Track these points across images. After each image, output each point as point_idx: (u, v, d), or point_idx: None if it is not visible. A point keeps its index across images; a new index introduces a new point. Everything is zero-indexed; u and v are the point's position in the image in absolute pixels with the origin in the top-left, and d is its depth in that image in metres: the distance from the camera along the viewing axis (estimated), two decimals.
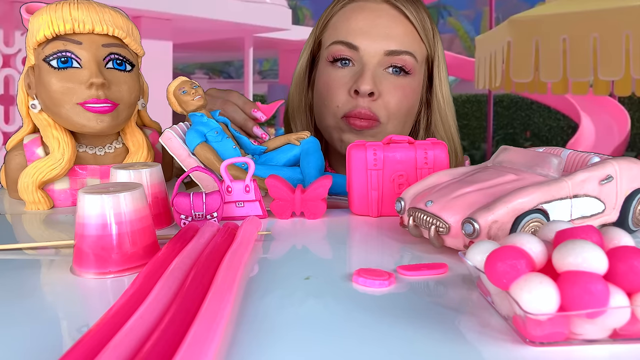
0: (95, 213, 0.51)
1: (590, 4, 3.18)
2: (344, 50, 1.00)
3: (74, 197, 0.83)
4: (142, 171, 0.68)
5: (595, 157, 0.64)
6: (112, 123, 0.81)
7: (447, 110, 1.09)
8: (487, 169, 0.64)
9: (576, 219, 0.58)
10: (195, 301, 0.39)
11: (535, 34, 3.29)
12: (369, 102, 0.97)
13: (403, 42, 1.00)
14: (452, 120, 1.11)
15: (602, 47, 3.04)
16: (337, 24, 1.04)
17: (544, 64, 3.26)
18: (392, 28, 1.00)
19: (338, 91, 1.00)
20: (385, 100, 0.98)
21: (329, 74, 1.02)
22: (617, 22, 2.98)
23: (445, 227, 0.56)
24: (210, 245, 0.53)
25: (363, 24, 1.00)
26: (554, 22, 3.24)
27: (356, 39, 0.99)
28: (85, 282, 0.50)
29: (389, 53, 0.98)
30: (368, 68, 0.98)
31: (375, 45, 0.98)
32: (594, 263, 0.36)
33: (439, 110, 1.09)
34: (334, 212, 0.78)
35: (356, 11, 1.02)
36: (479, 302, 0.45)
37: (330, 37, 1.04)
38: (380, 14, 1.00)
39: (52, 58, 0.78)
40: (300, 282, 0.50)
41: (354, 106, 0.97)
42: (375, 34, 0.99)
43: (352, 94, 0.97)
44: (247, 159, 0.71)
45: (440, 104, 1.08)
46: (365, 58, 0.99)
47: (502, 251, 0.39)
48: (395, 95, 0.99)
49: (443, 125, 1.09)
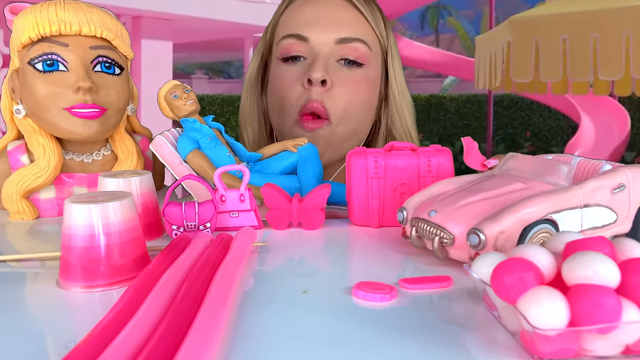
0: (82, 223, 0.51)
1: (590, 4, 3.24)
2: (294, 43, 1.01)
3: (60, 206, 0.83)
4: (131, 179, 0.68)
5: (607, 165, 0.64)
6: (100, 129, 0.81)
7: (402, 104, 1.10)
8: (493, 177, 0.64)
9: (587, 230, 0.58)
10: (187, 316, 0.39)
11: (535, 34, 3.36)
12: (322, 93, 0.98)
13: (354, 30, 1.01)
14: (408, 115, 1.11)
15: (602, 47, 3.10)
16: (285, 21, 1.06)
17: (544, 64, 3.33)
18: (341, 17, 1.01)
19: (291, 86, 1.01)
20: (338, 93, 0.99)
21: (282, 71, 1.03)
22: (617, 22, 3.05)
23: (450, 238, 0.56)
24: (203, 257, 0.53)
25: (312, 15, 1.02)
26: (554, 22, 3.31)
27: (305, 30, 1.00)
28: (72, 296, 0.50)
29: (340, 41, 1.00)
30: (320, 57, 0.99)
31: (325, 34, 1.00)
32: (606, 276, 0.36)
33: (395, 104, 1.10)
34: (332, 222, 0.78)
35: (304, 5, 1.04)
36: (485, 316, 0.45)
37: (279, 35, 1.05)
38: (328, 5, 1.02)
39: (38, 61, 0.78)
40: (297, 296, 0.50)
41: (307, 99, 0.98)
42: (324, 24, 1.00)
43: (306, 84, 0.98)
44: (241, 167, 0.71)
45: (395, 98, 1.09)
46: (316, 48, 1.00)
47: (509, 263, 0.39)
48: (350, 87, 1.00)
49: (399, 118, 1.10)
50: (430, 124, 12.68)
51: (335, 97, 0.99)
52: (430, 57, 8.30)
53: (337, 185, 0.85)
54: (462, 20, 28.75)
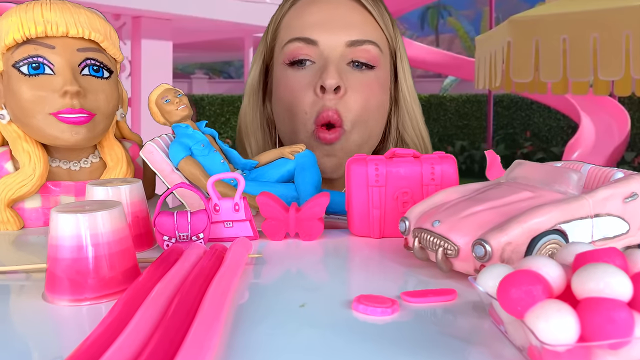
0: (69, 234, 0.51)
1: (590, 4, 3.34)
2: (302, 47, 1.00)
3: (47, 216, 0.83)
4: (121, 188, 0.68)
5: (619, 173, 0.64)
6: (88, 135, 0.81)
7: (413, 106, 1.10)
8: (500, 186, 0.64)
9: (598, 241, 0.58)
10: (179, 331, 0.39)
11: (535, 34, 3.46)
12: (336, 100, 0.97)
13: (364, 32, 1.00)
14: (419, 117, 1.11)
15: (602, 47, 3.19)
16: (290, 22, 1.04)
17: (544, 64, 3.42)
18: (351, 17, 1.01)
19: (303, 93, 0.99)
20: (352, 99, 0.98)
21: (289, 77, 1.02)
22: (617, 22, 3.14)
23: (454, 250, 0.56)
24: (196, 270, 0.53)
25: (319, 16, 1.00)
26: (554, 22, 3.41)
27: (314, 33, 0.99)
28: (58, 310, 0.50)
29: (351, 44, 0.99)
30: (331, 62, 0.98)
31: (335, 37, 0.99)
32: (618, 289, 0.36)
33: (406, 106, 1.09)
34: (331, 232, 0.78)
35: (309, 6, 1.03)
36: (491, 331, 0.45)
37: (284, 38, 1.03)
38: (336, 5, 1.01)
39: (23, 64, 0.78)
40: (294, 310, 0.50)
41: (321, 107, 0.97)
42: (333, 26, 0.99)
43: (318, 91, 0.97)
44: (236, 175, 0.71)
45: (406, 99, 1.09)
46: (326, 52, 0.99)
47: (517, 276, 0.39)
48: (363, 92, 0.99)
49: (411, 121, 1.10)
50: (430, 124, 12.91)
51: (349, 102, 0.98)
52: (430, 57, 8.43)
53: (336, 194, 0.85)
54: (462, 20, 29.30)
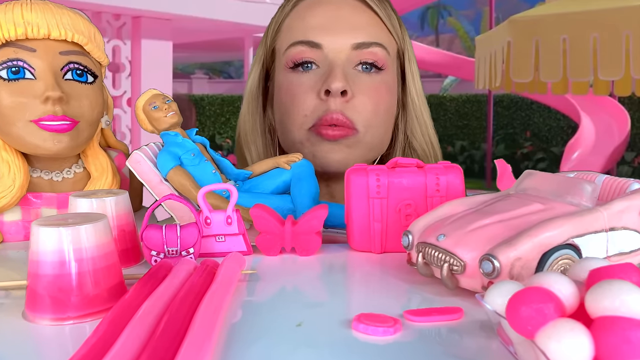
0: (51, 249, 0.51)
1: (590, 4, 3.47)
2: (305, 51, 1.00)
3: (27, 230, 0.83)
4: (106, 200, 0.68)
5: (636, 184, 0.64)
6: (71, 144, 0.81)
7: (422, 109, 1.10)
8: (509, 198, 0.65)
9: (613, 256, 0.58)
10: (168, 352, 0.39)
11: (535, 34, 3.59)
12: (342, 104, 0.96)
13: (370, 33, 1.00)
14: (428, 120, 1.11)
15: (602, 47, 3.32)
16: (291, 25, 1.04)
17: (544, 64, 3.55)
18: (356, 19, 1.01)
19: (304, 96, 0.99)
20: (360, 103, 0.98)
21: (291, 81, 1.01)
22: (617, 22, 3.27)
23: (460, 265, 0.56)
24: (186, 287, 0.53)
25: (323, 18, 1.01)
26: (554, 22, 3.54)
27: (317, 36, 0.99)
28: (40, 329, 0.50)
29: (357, 46, 0.99)
30: (337, 65, 0.98)
31: (340, 40, 0.99)
32: (634, 307, 0.36)
33: (414, 110, 1.09)
34: (330, 247, 0.78)
35: (312, 7, 1.03)
36: (500, 352, 0.45)
37: (286, 41, 1.03)
38: (340, 6, 1.01)
39: (2, 68, 0.78)
40: (291, 329, 0.50)
41: (325, 111, 0.96)
42: (338, 28, 0.99)
43: (323, 95, 0.96)
44: (228, 186, 0.72)
45: (415, 102, 1.09)
46: (331, 56, 0.99)
47: (527, 293, 0.39)
48: (371, 96, 0.99)
49: (420, 126, 1.10)
50: None
51: (358, 107, 0.97)
52: (430, 57, 8.62)
53: (335, 206, 0.85)
54: (462, 20, 29.92)
